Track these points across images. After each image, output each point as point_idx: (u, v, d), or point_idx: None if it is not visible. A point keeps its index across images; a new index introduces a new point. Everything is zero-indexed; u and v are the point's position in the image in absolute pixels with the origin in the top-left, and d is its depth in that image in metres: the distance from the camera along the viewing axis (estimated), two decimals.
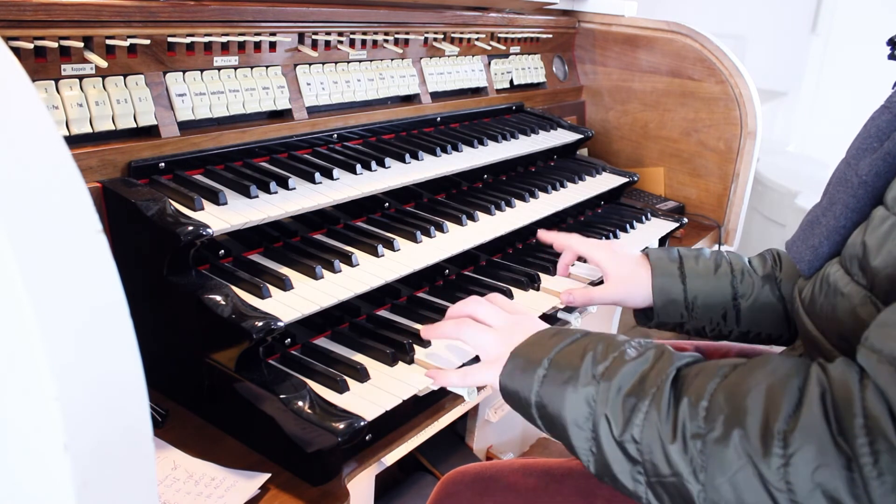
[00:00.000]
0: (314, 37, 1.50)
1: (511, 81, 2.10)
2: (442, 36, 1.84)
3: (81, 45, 1.13)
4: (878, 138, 0.95)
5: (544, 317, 1.35)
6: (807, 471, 0.67)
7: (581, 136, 2.04)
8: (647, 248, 1.35)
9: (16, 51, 1.05)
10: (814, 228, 1.03)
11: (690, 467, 0.74)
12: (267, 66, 1.42)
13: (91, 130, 1.15)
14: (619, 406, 0.80)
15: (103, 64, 1.14)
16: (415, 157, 1.54)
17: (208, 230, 1.07)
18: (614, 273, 1.31)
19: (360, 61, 1.63)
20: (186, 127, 1.29)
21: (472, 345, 1.04)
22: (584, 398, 0.83)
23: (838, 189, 0.99)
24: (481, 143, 1.74)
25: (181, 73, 1.29)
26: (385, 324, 1.23)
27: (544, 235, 1.46)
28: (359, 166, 1.40)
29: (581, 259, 1.48)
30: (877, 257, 0.86)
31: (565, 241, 1.41)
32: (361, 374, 1.07)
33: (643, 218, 1.88)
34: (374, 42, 1.65)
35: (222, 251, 1.18)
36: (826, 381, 0.72)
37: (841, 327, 0.90)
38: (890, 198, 0.88)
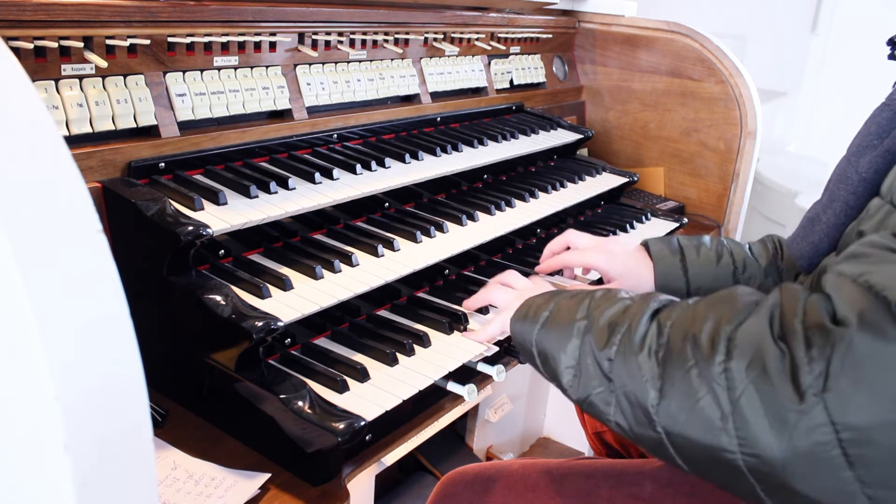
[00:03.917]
0: (314, 37, 1.50)
1: (511, 81, 2.10)
2: (442, 36, 1.84)
3: (81, 45, 1.13)
4: (878, 135, 0.96)
5: None
6: (742, 366, 0.72)
7: (581, 136, 2.04)
8: (645, 240, 1.34)
9: (16, 51, 1.05)
10: (814, 225, 1.03)
11: (651, 372, 0.80)
12: (267, 66, 1.42)
13: (91, 130, 1.15)
14: (603, 329, 0.88)
15: (103, 64, 1.14)
16: (415, 157, 1.54)
17: (208, 230, 1.07)
18: (615, 273, 1.30)
19: (360, 61, 1.63)
20: (186, 127, 1.29)
21: (496, 302, 1.20)
22: (575, 329, 0.92)
23: (839, 186, 0.99)
24: (481, 143, 1.74)
25: (181, 73, 1.29)
26: (385, 324, 1.23)
27: (543, 269, 1.43)
28: (359, 166, 1.40)
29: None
30: None
31: (559, 261, 1.38)
32: (361, 374, 1.07)
33: (643, 218, 1.88)
34: (374, 42, 1.65)
35: (222, 251, 1.18)
36: (779, 297, 0.79)
37: None
38: (885, 187, 0.90)
